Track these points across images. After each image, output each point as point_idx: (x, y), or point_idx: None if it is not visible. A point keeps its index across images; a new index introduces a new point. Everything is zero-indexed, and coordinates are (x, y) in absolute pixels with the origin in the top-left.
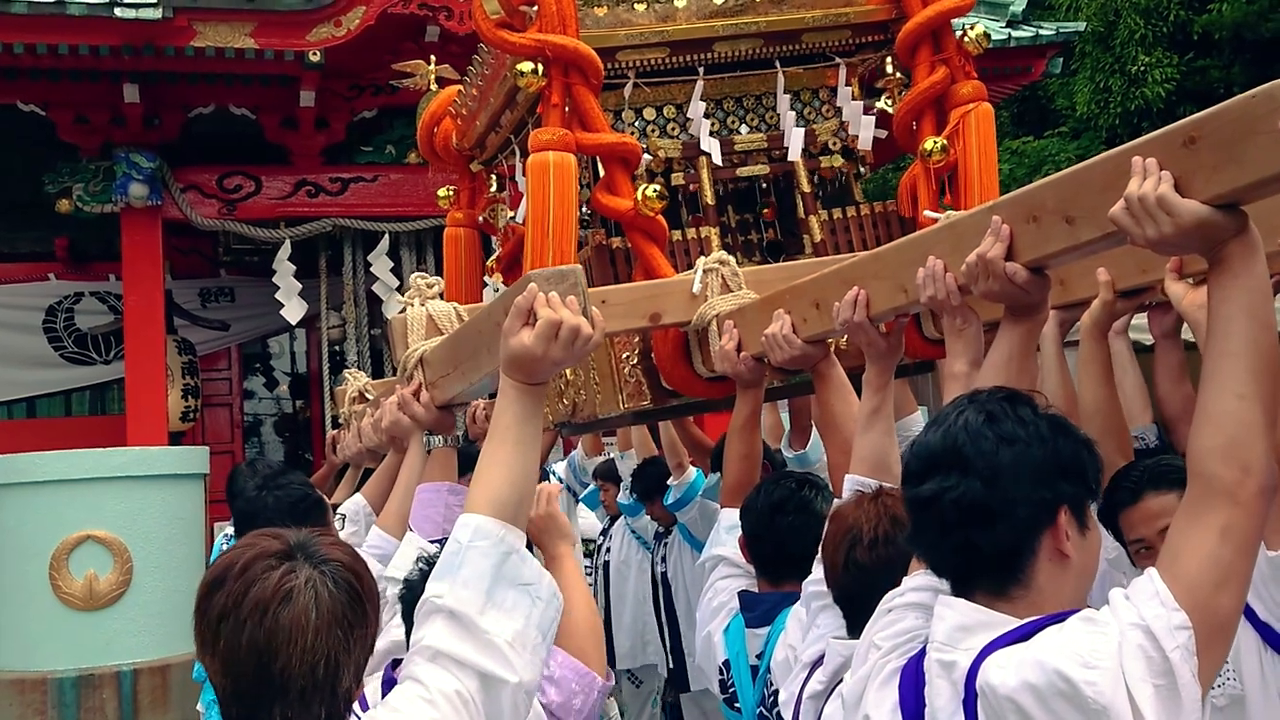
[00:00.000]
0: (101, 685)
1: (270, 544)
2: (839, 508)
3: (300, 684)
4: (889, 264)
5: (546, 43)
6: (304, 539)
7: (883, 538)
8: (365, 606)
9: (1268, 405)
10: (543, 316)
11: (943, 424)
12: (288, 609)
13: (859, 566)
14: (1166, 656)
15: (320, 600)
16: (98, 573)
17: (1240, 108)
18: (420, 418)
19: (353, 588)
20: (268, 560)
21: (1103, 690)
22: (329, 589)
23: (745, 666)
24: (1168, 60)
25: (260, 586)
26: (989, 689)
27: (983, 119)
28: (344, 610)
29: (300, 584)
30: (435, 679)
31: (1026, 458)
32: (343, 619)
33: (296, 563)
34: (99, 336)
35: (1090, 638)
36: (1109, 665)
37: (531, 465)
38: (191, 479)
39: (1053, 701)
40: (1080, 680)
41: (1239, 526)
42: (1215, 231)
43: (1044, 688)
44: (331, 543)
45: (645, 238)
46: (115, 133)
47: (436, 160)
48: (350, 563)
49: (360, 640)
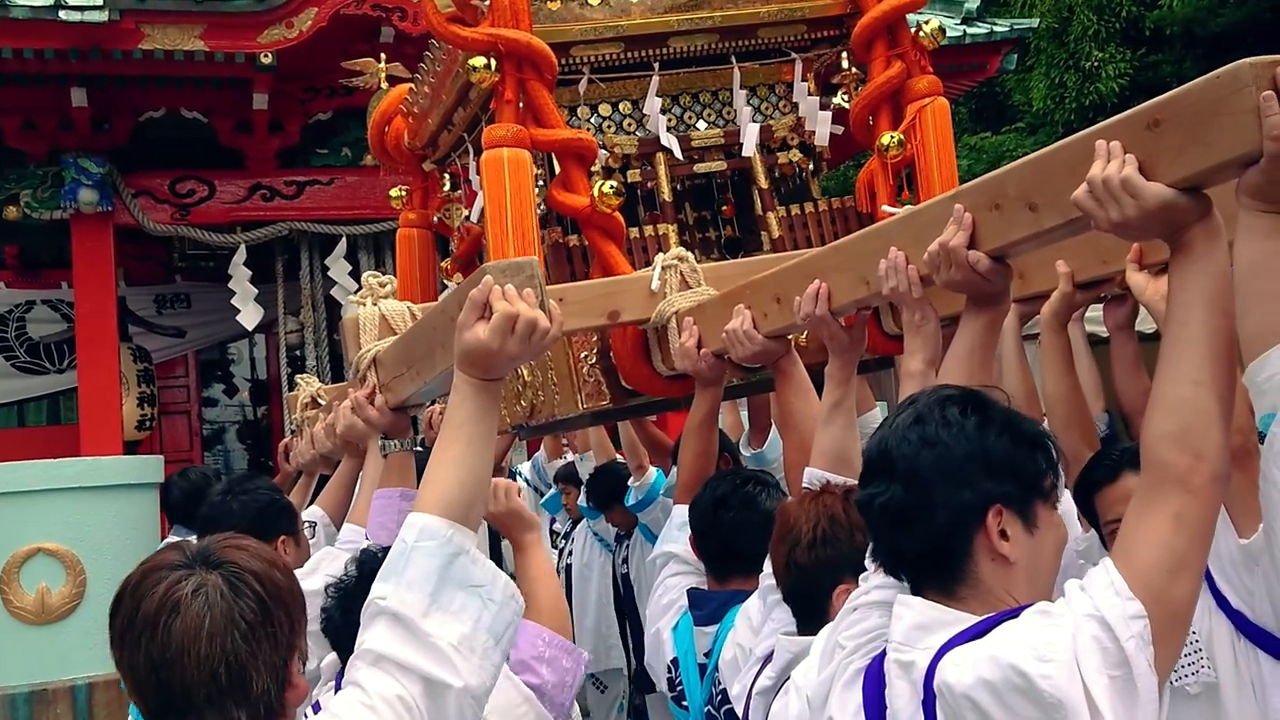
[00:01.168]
0: (56, 700)
1: (168, 556)
2: (783, 506)
3: (204, 692)
4: (850, 256)
5: (499, 37)
6: (205, 545)
7: (821, 538)
8: (269, 606)
9: (1223, 393)
10: (498, 309)
11: (883, 427)
12: (178, 619)
13: (799, 567)
14: (1121, 646)
15: (213, 605)
16: (50, 586)
17: (1204, 90)
18: (374, 421)
19: (253, 588)
20: (159, 573)
21: (1058, 683)
22: (222, 593)
23: (693, 665)
24: (1121, 56)
25: (149, 601)
26: (945, 688)
27: (939, 113)
28: (242, 613)
29: (188, 593)
30: (376, 684)
31: (946, 459)
32: (240, 621)
33: (190, 571)
34: (52, 345)
35: (1044, 631)
36: (1063, 658)
37: (484, 464)
38: (146, 489)
39: (1008, 697)
40: (1035, 674)
41: (1192, 514)
42: (1179, 215)
43: (999, 683)
44: (236, 546)
45: (602, 235)
46: (63, 138)
47: (388, 160)
48: (253, 563)
49: (271, 640)
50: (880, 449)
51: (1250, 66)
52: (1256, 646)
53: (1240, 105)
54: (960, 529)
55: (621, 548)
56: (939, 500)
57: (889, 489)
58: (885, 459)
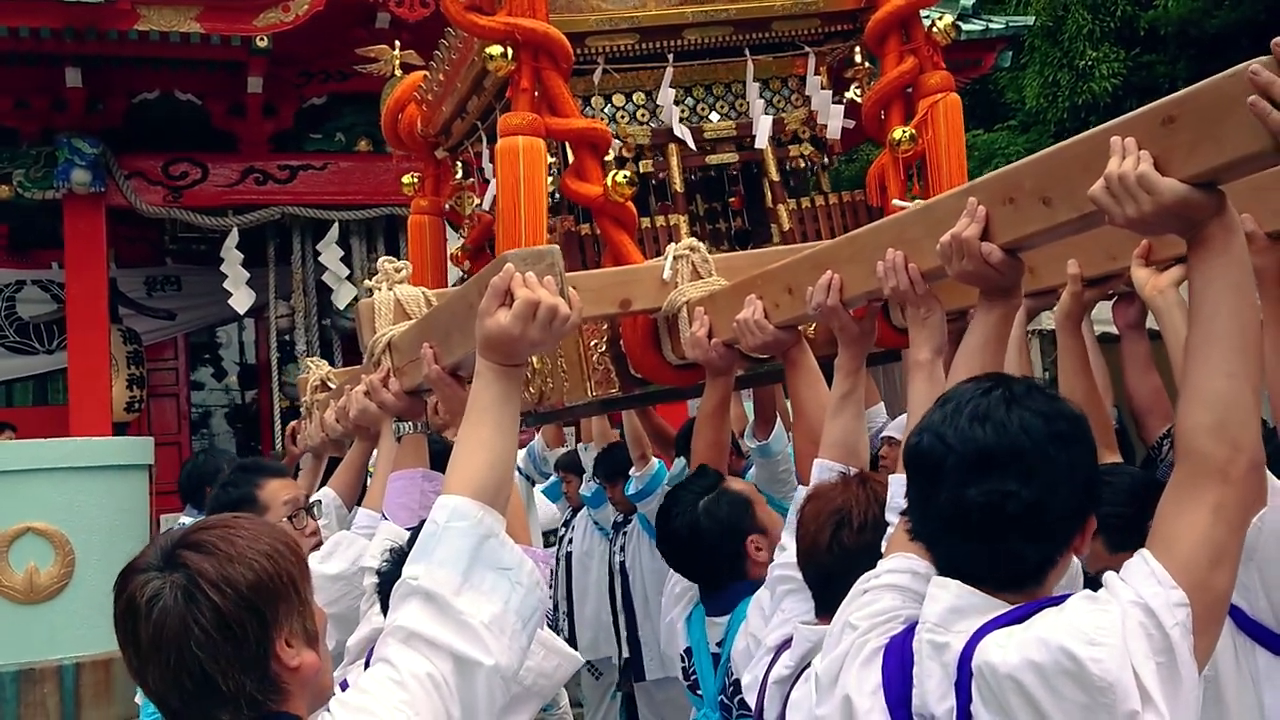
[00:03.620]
0: (43, 680)
1: (145, 554)
2: (820, 488)
3: (176, 696)
4: (863, 247)
5: (516, 26)
6: (173, 542)
7: (871, 523)
8: (224, 612)
9: (1256, 384)
10: (520, 296)
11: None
12: (141, 624)
13: (844, 548)
14: (1167, 634)
15: (169, 614)
16: (38, 565)
17: (1217, 87)
18: (389, 404)
19: (208, 596)
20: (132, 574)
21: (1109, 668)
22: (177, 598)
23: (706, 654)
24: (1115, 55)
25: (120, 602)
26: (988, 668)
27: (951, 109)
28: (195, 620)
29: (145, 600)
30: (407, 660)
31: (1082, 462)
32: (194, 630)
33: (157, 573)
34: (41, 325)
35: (1094, 615)
36: (1114, 643)
37: (510, 447)
38: (136, 470)
39: (1056, 679)
40: (1086, 657)
41: (1231, 505)
42: (1195, 210)
43: (1048, 665)
44: (195, 543)
45: (615, 224)
46: (57, 118)
47: (401, 147)
48: (208, 565)
49: (234, 642)
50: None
51: (1264, 66)
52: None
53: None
54: (1071, 537)
55: (619, 535)
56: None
57: (1022, 491)
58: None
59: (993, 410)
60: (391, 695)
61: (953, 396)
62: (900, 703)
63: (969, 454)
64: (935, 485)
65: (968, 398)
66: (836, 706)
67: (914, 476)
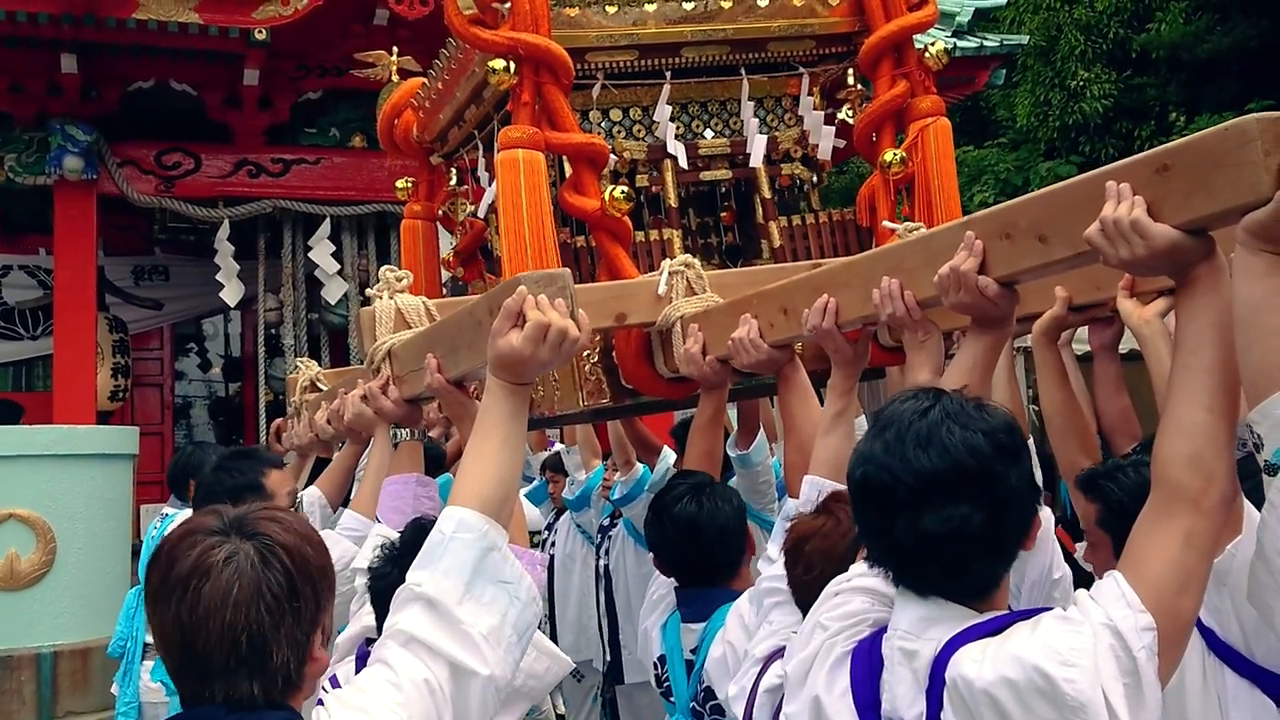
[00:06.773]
0: (20, 667)
1: (206, 520)
2: (820, 527)
3: (223, 660)
4: (860, 274)
5: (519, 41)
6: (242, 514)
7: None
8: (296, 581)
9: (1232, 420)
10: (532, 319)
11: (931, 441)
12: (208, 584)
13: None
14: (1134, 656)
15: (243, 575)
16: (19, 552)
17: (1213, 140)
18: (388, 411)
19: (284, 562)
20: (195, 537)
21: (1082, 688)
22: (252, 563)
23: (680, 661)
24: (1106, 76)
25: (182, 564)
26: (963, 681)
27: (941, 133)
28: (270, 585)
29: (220, 560)
30: (405, 664)
31: (1024, 469)
32: (266, 594)
33: (225, 538)
34: (27, 311)
35: (1068, 636)
36: (1086, 664)
37: (516, 463)
38: (120, 459)
39: (1029, 698)
40: (1059, 678)
41: (1201, 533)
42: (1185, 255)
43: (1022, 684)
44: (270, 518)
45: (611, 238)
46: (51, 103)
47: (396, 151)
48: (285, 537)
49: (295, 615)
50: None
51: (1257, 122)
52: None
53: (1246, 158)
54: (1022, 539)
55: (604, 539)
56: (1023, 513)
57: (974, 515)
58: (964, 478)
59: (934, 433)
60: (388, 696)
61: (891, 421)
62: (869, 706)
63: (919, 485)
64: (889, 517)
65: (907, 421)
66: (805, 705)
67: (864, 508)
